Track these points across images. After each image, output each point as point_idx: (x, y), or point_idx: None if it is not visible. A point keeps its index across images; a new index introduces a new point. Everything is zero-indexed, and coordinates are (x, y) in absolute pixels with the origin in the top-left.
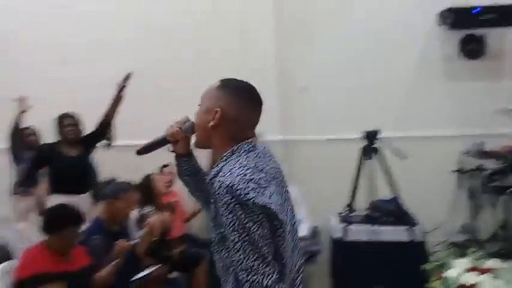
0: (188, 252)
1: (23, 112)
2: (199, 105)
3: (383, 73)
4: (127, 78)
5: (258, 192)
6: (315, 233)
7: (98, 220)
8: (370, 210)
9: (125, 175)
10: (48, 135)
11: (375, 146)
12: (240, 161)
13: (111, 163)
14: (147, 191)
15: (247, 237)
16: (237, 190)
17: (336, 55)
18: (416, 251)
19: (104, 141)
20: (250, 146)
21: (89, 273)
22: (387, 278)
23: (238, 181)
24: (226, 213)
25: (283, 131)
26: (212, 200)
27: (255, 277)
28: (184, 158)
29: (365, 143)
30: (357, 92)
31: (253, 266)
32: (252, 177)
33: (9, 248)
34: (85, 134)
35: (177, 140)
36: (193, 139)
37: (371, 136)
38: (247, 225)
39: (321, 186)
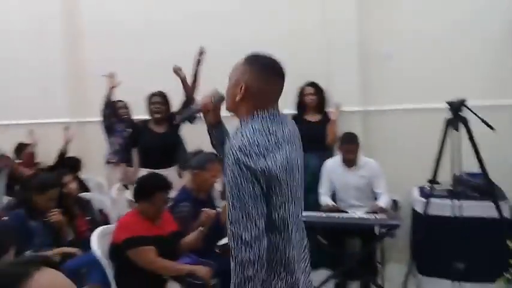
0: None
1: (112, 88)
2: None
3: (469, 40)
4: (201, 53)
5: (261, 156)
6: (395, 207)
7: (185, 189)
8: (453, 184)
9: (210, 147)
10: (138, 109)
11: (460, 116)
12: (253, 125)
13: (198, 135)
14: None
15: (239, 193)
16: (241, 152)
17: (419, 22)
18: (502, 228)
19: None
20: (267, 113)
21: (177, 238)
22: (469, 256)
23: (245, 144)
24: (229, 172)
25: (363, 101)
26: (224, 161)
27: (236, 230)
28: (215, 127)
29: (450, 113)
30: (441, 60)
31: (238, 219)
32: (259, 142)
33: (106, 212)
34: (172, 112)
35: (208, 110)
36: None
37: (456, 106)
38: (240, 182)
39: (403, 158)
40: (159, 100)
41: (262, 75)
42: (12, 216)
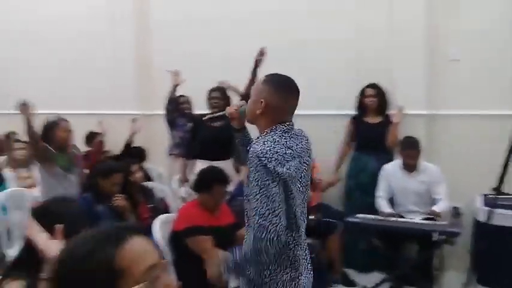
0: (322, 221)
1: (176, 85)
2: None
3: None
4: (262, 53)
5: (279, 163)
6: (456, 214)
7: (241, 184)
8: None
9: None
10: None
11: None
12: (274, 137)
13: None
14: None
15: (265, 191)
16: (264, 157)
17: (489, 22)
18: None
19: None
20: (286, 127)
21: (233, 230)
22: None
23: (267, 151)
24: (253, 173)
25: (428, 104)
26: (248, 163)
27: (263, 222)
28: (239, 132)
29: None
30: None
31: (264, 213)
32: (278, 151)
33: (166, 201)
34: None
35: (234, 118)
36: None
37: None
38: (267, 182)
39: (467, 165)
40: (217, 95)
41: (280, 92)
42: (80, 199)
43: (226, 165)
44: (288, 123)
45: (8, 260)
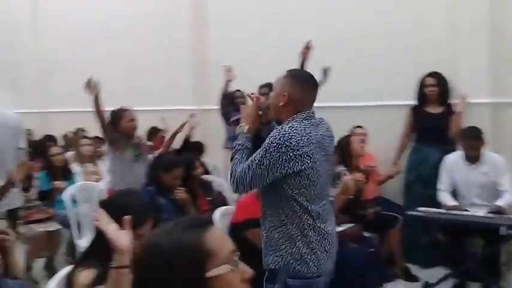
0: (381, 214)
1: (229, 81)
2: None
3: None
4: (307, 47)
5: (290, 150)
6: None
7: None
8: None
9: None
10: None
11: None
12: (293, 123)
13: None
14: (343, 151)
15: (259, 157)
16: (277, 138)
17: None
18: None
19: None
20: (306, 115)
21: None
22: None
23: (282, 134)
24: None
25: (493, 92)
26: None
27: (248, 163)
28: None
29: None
30: None
31: (252, 160)
32: (293, 136)
33: (224, 194)
34: None
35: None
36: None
37: None
38: (268, 150)
39: None
40: (266, 91)
41: (302, 86)
42: (144, 192)
43: None
44: (308, 112)
45: (78, 250)
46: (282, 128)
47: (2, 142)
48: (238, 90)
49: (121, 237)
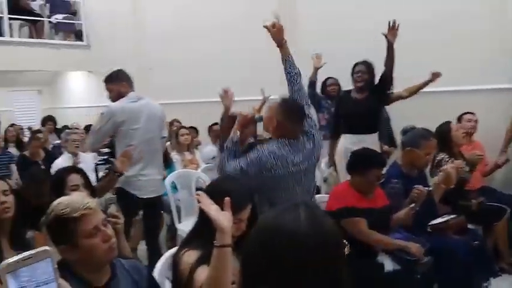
0: (487, 205)
1: (317, 69)
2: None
3: None
4: (393, 27)
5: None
6: None
7: (397, 165)
8: None
9: (421, 122)
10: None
11: None
12: (273, 145)
13: (412, 111)
14: (444, 138)
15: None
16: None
17: None
18: None
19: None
20: (286, 140)
21: (388, 213)
22: None
23: (259, 158)
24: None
25: None
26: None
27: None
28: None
29: None
30: None
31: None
32: (268, 160)
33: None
34: (375, 84)
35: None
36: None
37: None
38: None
39: None
40: (362, 69)
41: (290, 116)
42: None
43: (371, 139)
44: (291, 140)
45: (178, 233)
46: (261, 148)
47: (152, 132)
48: (330, 78)
49: (222, 217)
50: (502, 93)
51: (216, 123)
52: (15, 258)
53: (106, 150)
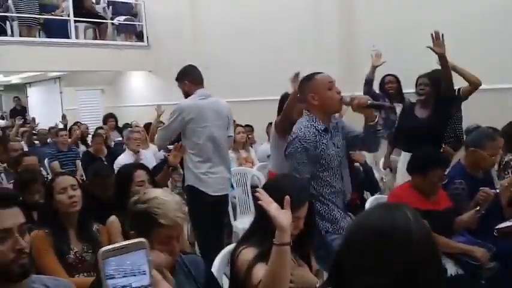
0: None
1: (376, 67)
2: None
3: None
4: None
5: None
6: None
7: (460, 165)
8: None
9: (490, 121)
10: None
11: None
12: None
13: (481, 109)
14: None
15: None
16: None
17: None
18: None
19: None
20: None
21: (451, 215)
22: None
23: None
24: None
25: None
26: None
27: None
28: None
29: None
30: None
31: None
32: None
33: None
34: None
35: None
36: None
37: None
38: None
39: None
40: (424, 81)
41: None
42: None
43: None
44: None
45: (234, 230)
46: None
47: (219, 130)
48: (389, 75)
49: (282, 215)
50: None
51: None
52: (111, 246)
53: (171, 147)
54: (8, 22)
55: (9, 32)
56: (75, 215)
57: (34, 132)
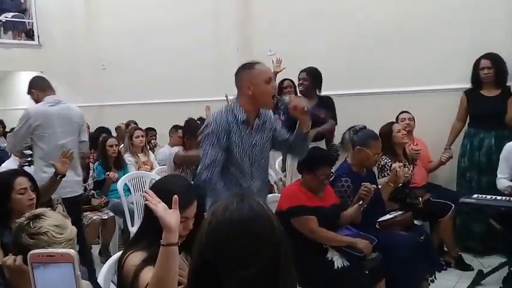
0: (432, 202)
1: (276, 73)
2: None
3: None
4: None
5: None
6: None
7: (347, 164)
8: None
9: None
10: None
11: None
12: None
13: (355, 110)
14: (386, 140)
15: None
16: None
17: None
18: None
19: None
20: None
21: (337, 211)
22: None
23: None
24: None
25: None
26: None
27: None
28: None
29: None
30: None
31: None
32: None
33: (271, 183)
34: None
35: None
36: None
37: None
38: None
39: None
40: (304, 76)
41: None
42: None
43: None
44: None
45: (131, 237)
46: None
47: (68, 136)
48: (286, 79)
49: (169, 215)
50: (449, 93)
51: (177, 126)
52: (39, 250)
53: (29, 151)
54: None
55: None
56: None
57: None
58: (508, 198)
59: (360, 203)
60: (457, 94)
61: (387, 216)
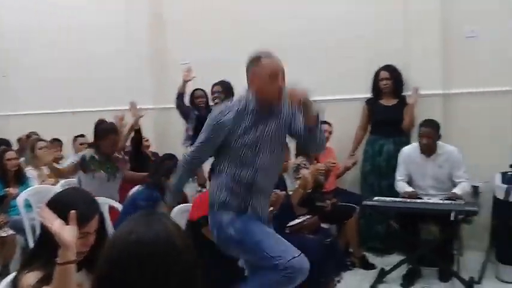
0: (339, 205)
1: (186, 81)
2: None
3: None
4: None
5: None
6: (475, 193)
7: None
8: None
9: None
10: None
11: None
12: None
13: None
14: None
15: None
16: None
17: (501, 2)
18: None
19: None
20: None
21: None
22: None
23: None
24: None
25: (444, 83)
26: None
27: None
28: None
29: None
30: None
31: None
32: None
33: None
34: None
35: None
36: None
37: None
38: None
39: (486, 143)
40: (218, 89)
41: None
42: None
43: None
44: None
45: None
46: None
47: None
48: (198, 89)
49: (66, 231)
50: (352, 103)
51: (81, 135)
52: None
53: None
54: None
55: None
56: None
57: None
58: (405, 199)
59: (271, 209)
60: (359, 103)
61: (296, 221)
